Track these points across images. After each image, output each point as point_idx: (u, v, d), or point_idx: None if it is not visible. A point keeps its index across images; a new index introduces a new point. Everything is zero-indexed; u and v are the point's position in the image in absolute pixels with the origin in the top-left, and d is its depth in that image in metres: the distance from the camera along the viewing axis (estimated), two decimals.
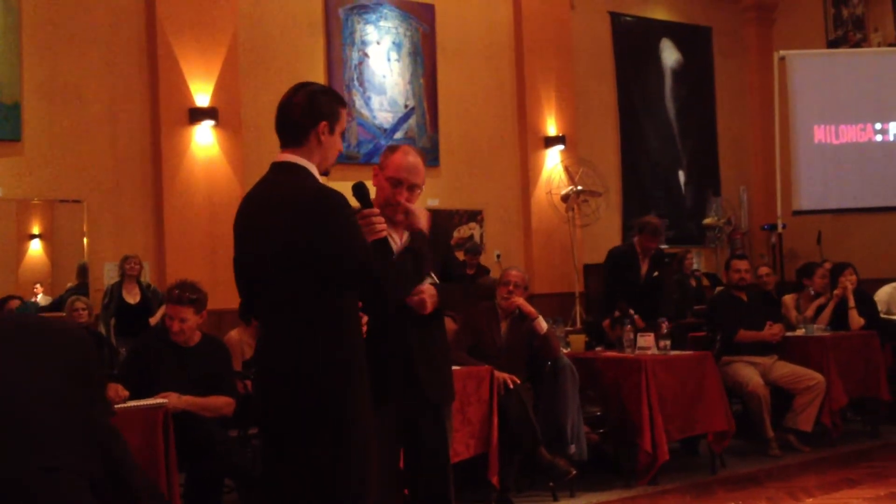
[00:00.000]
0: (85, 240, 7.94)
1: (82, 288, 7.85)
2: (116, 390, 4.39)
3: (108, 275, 7.87)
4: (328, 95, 2.93)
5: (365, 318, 2.97)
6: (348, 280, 2.75)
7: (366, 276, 2.74)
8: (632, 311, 6.48)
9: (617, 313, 6.66)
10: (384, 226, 2.96)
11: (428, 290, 3.24)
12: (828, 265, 7.95)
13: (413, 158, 3.33)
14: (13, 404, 1.95)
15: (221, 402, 4.77)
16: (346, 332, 2.79)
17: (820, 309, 7.47)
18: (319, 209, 2.73)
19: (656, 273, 7.14)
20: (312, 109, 2.85)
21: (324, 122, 2.84)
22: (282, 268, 2.77)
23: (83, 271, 7.96)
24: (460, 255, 8.53)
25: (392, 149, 3.38)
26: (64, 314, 7.09)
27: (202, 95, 8.20)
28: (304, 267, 2.73)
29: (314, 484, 2.73)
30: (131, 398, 4.50)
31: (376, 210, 3.00)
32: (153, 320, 7.45)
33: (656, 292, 7.06)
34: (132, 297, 7.64)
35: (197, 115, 8.15)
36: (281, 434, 2.79)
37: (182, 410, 4.49)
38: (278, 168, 2.86)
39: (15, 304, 6.89)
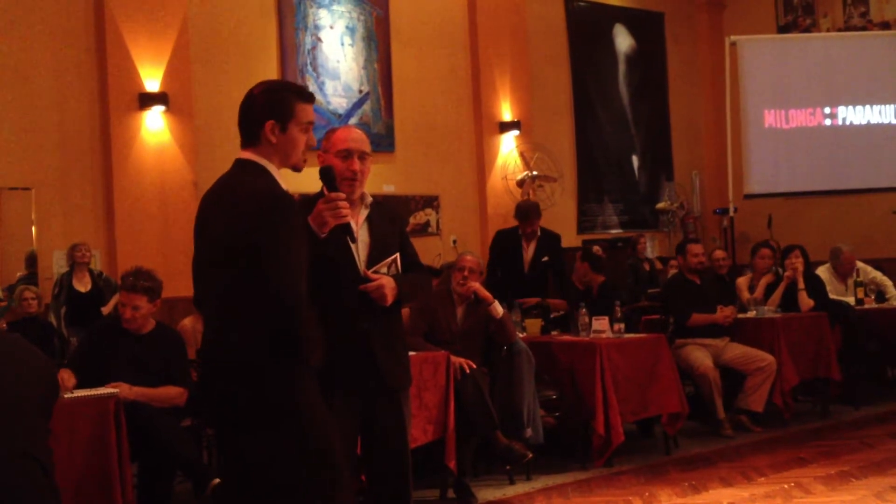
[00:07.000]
0: (34, 228, 7.78)
1: (32, 277, 7.70)
2: (63, 378, 4.32)
3: (57, 263, 7.73)
4: (279, 93, 2.80)
5: None
6: (268, 304, 2.61)
7: (284, 304, 2.61)
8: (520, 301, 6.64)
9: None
10: (348, 210, 3.03)
11: (388, 282, 3.22)
12: (767, 250, 8.03)
13: (356, 131, 3.36)
14: (6, 392, 2.41)
15: (174, 393, 4.73)
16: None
17: (769, 288, 7.56)
18: (262, 214, 2.62)
19: (546, 258, 7.31)
20: (259, 110, 2.77)
21: (270, 122, 2.74)
22: (221, 262, 2.71)
23: (32, 260, 7.80)
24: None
25: (332, 130, 3.38)
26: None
27: (152, 80, 8.07)
28: (237, 266, 2.65)
29: (260, 478, 2.68)
30: (82, 386, 4.45)
31: (342, 195, 3.03)
32: (105, 309, 7.34)
33: (547, 277, 7.31)
34: (83, 285, 7.51)
35: (147, 100, 8.02)
36: (223, 427, 2.78)
37: (133, 400, 4.43)
38: (237, 165, 2.81)
39: None
